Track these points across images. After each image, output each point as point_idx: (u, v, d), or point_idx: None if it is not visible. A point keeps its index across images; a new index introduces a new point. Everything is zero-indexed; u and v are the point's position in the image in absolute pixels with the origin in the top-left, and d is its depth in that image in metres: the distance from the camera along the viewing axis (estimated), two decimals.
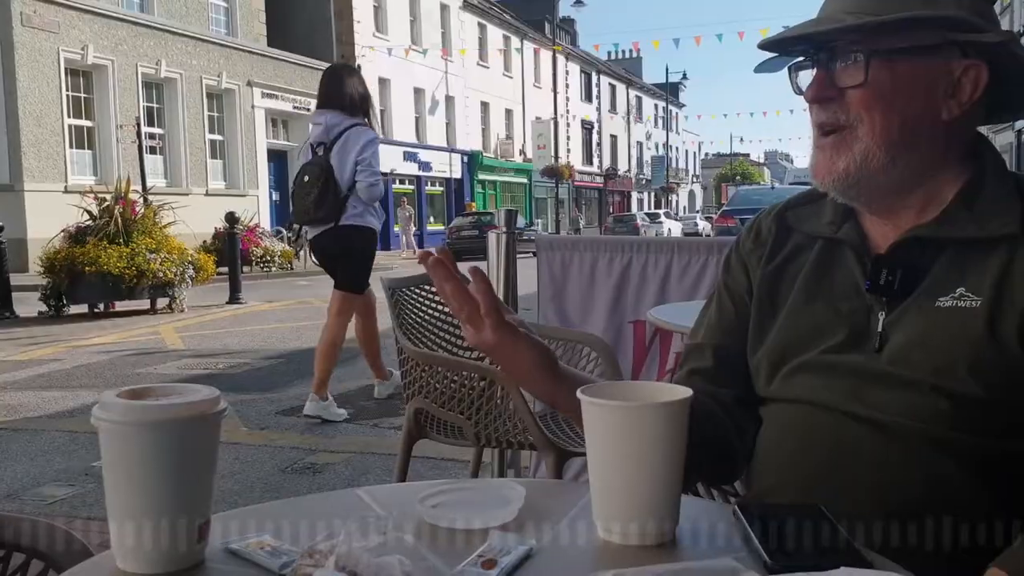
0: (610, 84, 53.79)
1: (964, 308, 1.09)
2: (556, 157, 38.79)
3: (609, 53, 48.80)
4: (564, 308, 3.63)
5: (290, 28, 27.93)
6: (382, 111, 30.87)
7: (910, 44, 1.11)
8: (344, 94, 5.32)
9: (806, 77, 1.19)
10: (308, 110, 26.57)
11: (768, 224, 1.34)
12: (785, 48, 1.21)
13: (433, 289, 3.17)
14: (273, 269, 18.96)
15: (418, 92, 33.31)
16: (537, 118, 41.28)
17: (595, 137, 51.21)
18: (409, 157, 32.44)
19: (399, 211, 24.81)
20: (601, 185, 51.83)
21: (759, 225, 1.36)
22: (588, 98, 49.95)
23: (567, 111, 44.42)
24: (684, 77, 69.07)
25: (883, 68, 1.12)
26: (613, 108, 54.19)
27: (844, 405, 1.14)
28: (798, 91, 1.21)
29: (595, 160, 51.07)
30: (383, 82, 30.87)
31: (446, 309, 3.18)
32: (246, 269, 16.46)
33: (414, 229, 23.87)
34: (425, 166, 33.59)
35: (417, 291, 3.16)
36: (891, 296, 1.15)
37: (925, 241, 1.14)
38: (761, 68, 1.31)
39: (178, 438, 0.88)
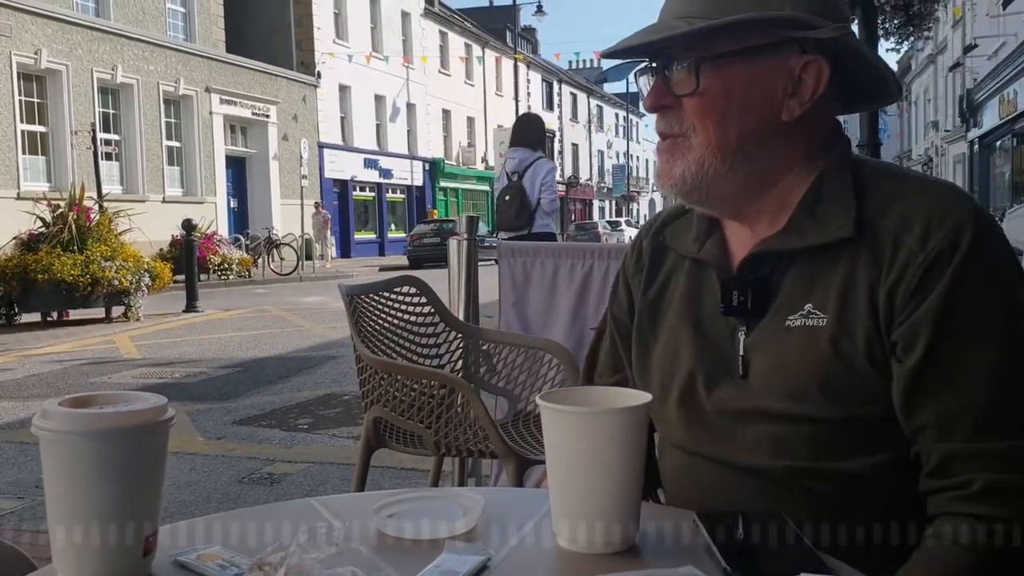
0: (571, 93, 54.00)
1: (812, 327, 1.06)
2: None
3: (570, 62, 49.06)
4: (526, 315, 3.62)
5: (249, 34, 27.69)
6: (342, 118, 30.75)
7: (741, 47, 1.08)
8: (531, 136, 6.89)
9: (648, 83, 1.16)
10: (267, 116, 26.41)
11: (647, 244, 1.30)
12: (628, 55, 1.17)
13: (393, 296, 3.14)
14: (231, 277, 18.75)
15: (379, 99, 33.18)
16: (499, 126, 41.28)
17: (557, 145, 51.35)
18: (370, 164, 32.30)
19: (314, 218, 23.67)
20: (563, 193, 51.95)
21: (640, 245, 1.32)
22: (550, 107, 50.10)
23: None
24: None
25: (714, 74, 1.08)
26: (574, 117, 54.40)
27: (719, 453, 1.12)
28: (643, 97, 1.18)
29: (556, 169, 51.20)
30: (343, 89, 30.72)
31: (406, 316, 3.15)
32: (203, 277, 16.27)
33: (331, 238, 23.04)
34: (386, 173, 33.46)
35: (376, 298, 3.12)
36: (748, 316, 1.11)
37: (773, 255, 1.11)
38: (607, 76, 1.29)
39: (121, 448, 0.85)
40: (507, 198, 6.64)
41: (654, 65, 1.13)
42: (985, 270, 1.00)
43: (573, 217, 52.03)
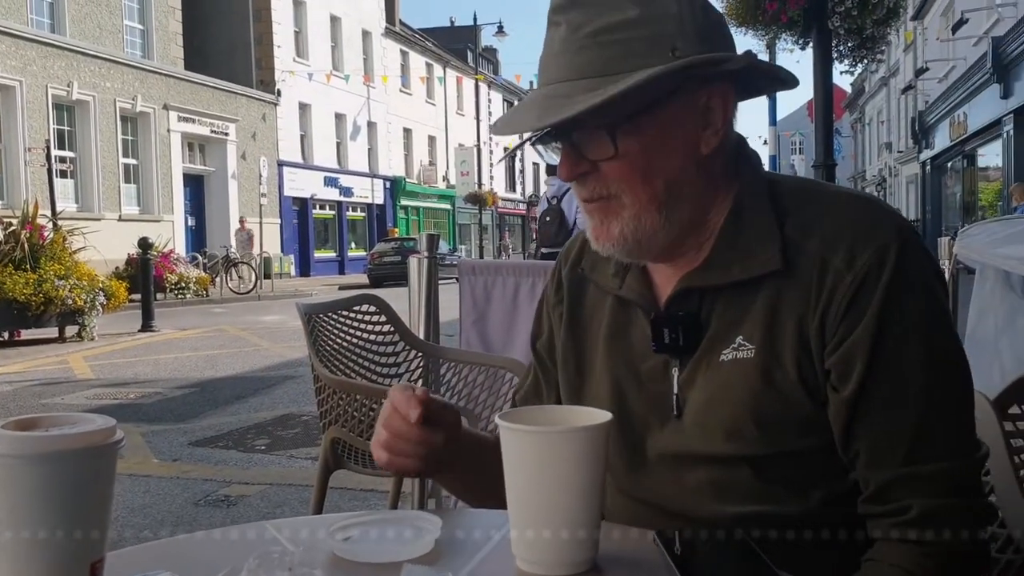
0: None
1: (743, 359, 1.03)
2: (479, 184, 38.87)
3: (531, 83, 49.06)
4: (486, 333, 3.60)
5: (209, 52, 27.50)
6: (302, 136, 30.60)
7: (651, 99, 1.01)
8: None
9: (555, 150, 1.08)
10: (226, 134, 26.19)
11: (566, 274, 1.24)
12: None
13: (352, 314, 3.11)
14: (188, 296, 18.52)
15: (339, 117, 33.09)
16: (460, 145, 41.37)
17: (518, 164, 51.53)
18: (330, 182, 32.15)
19: (237, 234, 22.41)
20: (524, 212, 52.11)
21: (559, 275, 1.26)
22: None
23: (490, 138, 44.64)
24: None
25: (630, 134, 1.02)
26: None
27: (662, 501, 1.09)
28: (549, 165, 1.12)
29: (518, 187, 51.35)
30: (303, 107, 30.60)
31: (365, 335, 3.12)
32: (160, 296, 16.06)
33: (257, 254, 21.95)
34: (346, 191, 33.32)
35: (335, 317, 3.09)
36: (680, 353, 1.08)
37: (698, 290, 1.07)
38: (510, 154, 1.22)
39: (67, 471, 0.82)
40: (548, 219, 7.88)
41: (557, 140, 1.07)
42: (912, 288, 0.99)
43: (534, 236, 52.13)
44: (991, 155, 21.47)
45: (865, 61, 9.39)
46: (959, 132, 22.80)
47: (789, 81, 1.12)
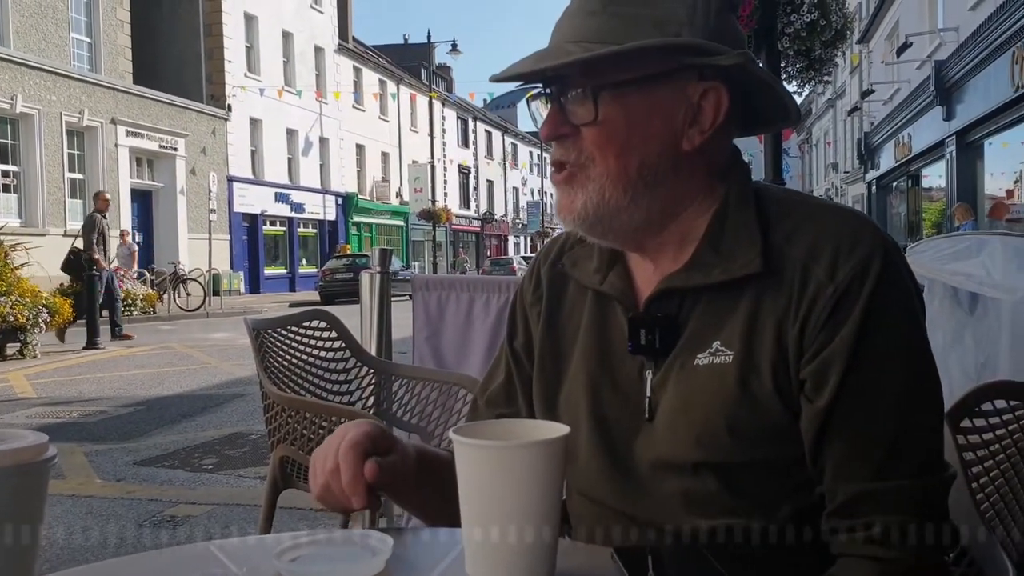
0: (486, 131, 54.34)
1: (719, 364, 1.02)
2: (433, 200, 38.80)
3: (485, 101, 49.22)
4: (440, 349, 3.57)
5: (159, 66, 27.14)
6: (253, 151, 30.31)
7: (641, 74, 1.03)
8: None
9: (543, 110, 1.10)
10: (175, 149, 25.86)
11: (545, 271, 1.22)
12: (520, 80, 1.10)
13: (301, 330, 3.06)
14: (135, 313, 18.16)
15: (291, 133, 32.83)
16: (414, 161, 41.29)
17: (472, 182, 51.56)
18: (281, 198, 31.85)
19: (119, 248, 20.40)
20: (478, 229, 52.12)
21: (537, 272, 1.24)
22: (465, 143, 50.31)
23: (444, 155, 44.62)
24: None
25: (613, 103, 1.03)
26: (489, 154, 54.73)
27: (632, 510, 1.07)
28: (538, 124, 1.12)
29: (472, 204, 51.36)
30: (255, 122, 30.31)
31: (315, 352, 3.07)
32: (106, 313, 15.70)
33: (136, 271, 20.17)
34: (298, 207, 33.03)
35: (284, 333, 3.03)
36: (655, 355, 1.07)
37: (678, 291, 1.06)
38: (498, 101, 1.23)
39: None
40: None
41: (548, 92, 1.08)
42: (892, 303, 0.98)
43: (489, 253, 52.19)
44: (934, 175, 21.96)
45: (813, 82, 9.54)
46: (904, 153, 23.30)
47: (791, 112, 1.13)
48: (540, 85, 1.10)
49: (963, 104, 16.61)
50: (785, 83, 9.13)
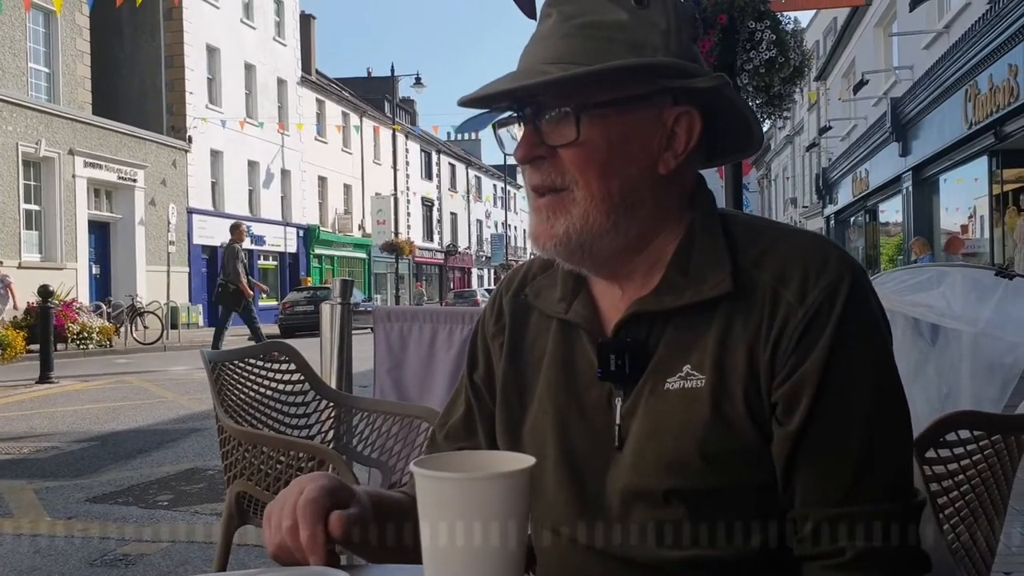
0: (450, 163, 54.49)
1: (691, 389, 1.00)
2: (396, 233, 38.72)
3: (448, 134, 49.44)
4: (402, 381, 3.52)
5: (119, 97, 26.93)
6: (213, 183, 30.08)
7: (622, 95, 1.02)
8: None
9: (514, 134, 1.08)
10: (134, 180, 25.59)
11: (508, 302, 1.20)
12: (490, 103, 1.08)
13: (260, 363, 3.00)
14: (91, 347, 17.86)
15: (252, 165, 32.63)
16: (377, 194, 41.22)
17: (435, 214, 51.58)
18: None
19: None
20: (442, 261, 52.06)
21: (499, 303, 1.22)
22: (428, 176, 50.37)
23: (407, 188, 44.61)
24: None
25: (595, 124, 1.02)
26: (453, 187, 54.85)
27: (601, 543, 1.04)
28: (505, 150, 1.10)
29: (436, 236, 51.34)
30: (215, 154, 30.10)
31: (274, 385, 3.00)
32: (60, 347, 15.44)
33: (11, 304, 17.62)
34: (258, 240, 32.76)
35: (242, 365, 2.97)
36: (624, 381, 1.05)
37: (648, 315, 1.05)
38: (464, 127, 1.22)
39: None
40: None
41: (522, 114, 1.06)
42: (860, 326, 0.98)
43: (452, 285, 52.11)
44: (891, 210, 22.33)
45: (772, 118, 9.68)
46: (861, 188, 23.69)
47: (755, 139, 1.13)
48: (507, 110, 1.09)
49: (918, 140, 16.94)
50: None
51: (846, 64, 25.17)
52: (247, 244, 31.98)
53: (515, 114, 1.08)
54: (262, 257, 33.67)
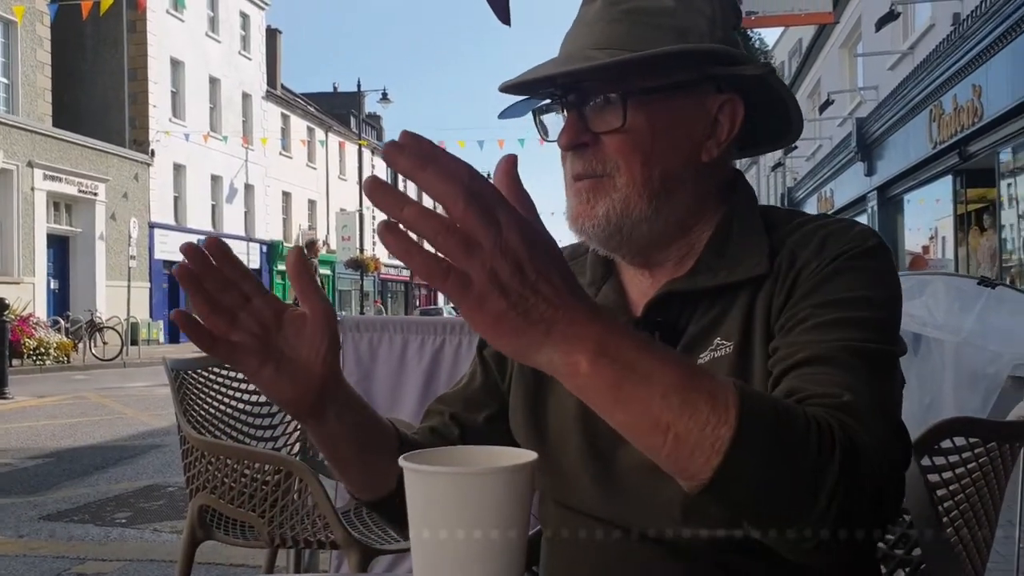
0: None
1: (720, 358, 1.01)
2: (361, 249, 38.48)
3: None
4: (371, 392, 3.41)
5: (81, 109, 26.58)
6: (176, 197, 29.75)
7: (667, 82, 1.02)
8: None
9: (554, 122, 1.09)
10: (95, 194, 25.21)
11: None
12: (532, 90, 1.08)
13: (224, 372, 2.90)
14: (48, 362, 17.49)
15: (216, 179, 32.31)
16: (342, 210, 40.98)
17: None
18: None
19: None
20: (408, 278, 51.84)
21: None
22: None
23: (373, 204, 44.39)
24: (489, 176, 70.60)
25: (640, 111, 1.01)
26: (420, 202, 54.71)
27: (625, 518, 1.02)
28: (546, 136, 1.09)
29: None
30: (178, 168, 29.77)
31: (239, 395, 2.90)
32: (16, 362, 15.11)
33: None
34: None
35: (206, 375, 2.87)
36: None
37: (680, 295, 1.05)
38: (506, 114, 1.19)
39: None
40: None
41: (566, 100, 1.04)
42: (873, 268, 0.98)
43: (418, 303, 51.90)
44: None
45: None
46: (826, 208, 23.91)
47: (794, 126, 1.12)
48: (548, 97, 1.07)
49: (883, 160, 17.13)
50: None
51: (811, 84, 25.46)
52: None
53: (557, 101, 1.06)
54: None
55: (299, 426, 2.98)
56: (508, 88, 1.06)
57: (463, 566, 0.73)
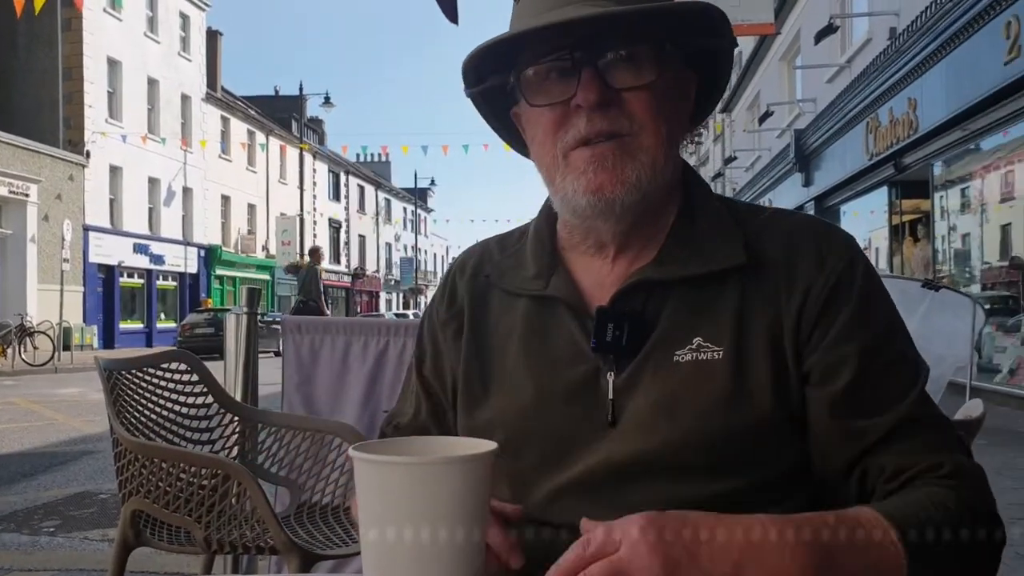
0: (359, 185, 53.96)
1: (705, 361, 0.96)
2: (301, 254, 38.05)
3: (358, 155, 48.75)
4: (312, 396, 3.34)
5: (14, 108, 25.89)
6: (111, 200, 29.11)
7: (688, 40, 1.00)
8: None
9: (537, 84, 0.99)
10: (27, 195, 24.54)
11: (464, 286, 1.13)
12: (513, 49, 1.00)
13: (160, 373, 2.80)
14: None
15: (153, 182, 31.67)
16: (282, 214, 40.45)
17: (343, 236, 50.96)
18: (140, 249, 30.56)
19: None
20: (349, 284, 51.40)
21: (452, 288, 1.15)
22: (336, 197, 49.77)
23: (314, 209, 43.95)
24: (432, 183, 70.55)
25: (668, 65, 0.98)
26: (362, 208, 54.31)
27: (578, 522, 0.96)
28: (532, 101, 0.99)
29: (343, 259, 50.69)
30: (115, 170, 29.12)
31: (175, 396, 2.82)
32: None
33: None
34: (157, 259, 31.77)
35: (140, 375, 2.78)
36: (620, 354, 0.98)
37: (649, 285, 1.00)
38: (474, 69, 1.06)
39: None
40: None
41: (574, 56, 0.96)
42: (877, 285, 1.00)
43: (359, 309, 51.48)
44: None
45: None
46: None
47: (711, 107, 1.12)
48: (541, 55, 0.99)
49: (821, 171, 17.45)
50: None
51: (751, 96, 25.86)
52: (146, 264, 31.11)
53: (562, 59, 0.97)
54: (161, 277, 32.68)
55: (237, 428, 2.90)
56: (503, 42, 0.97)
57: (418, 564, 0.68)
